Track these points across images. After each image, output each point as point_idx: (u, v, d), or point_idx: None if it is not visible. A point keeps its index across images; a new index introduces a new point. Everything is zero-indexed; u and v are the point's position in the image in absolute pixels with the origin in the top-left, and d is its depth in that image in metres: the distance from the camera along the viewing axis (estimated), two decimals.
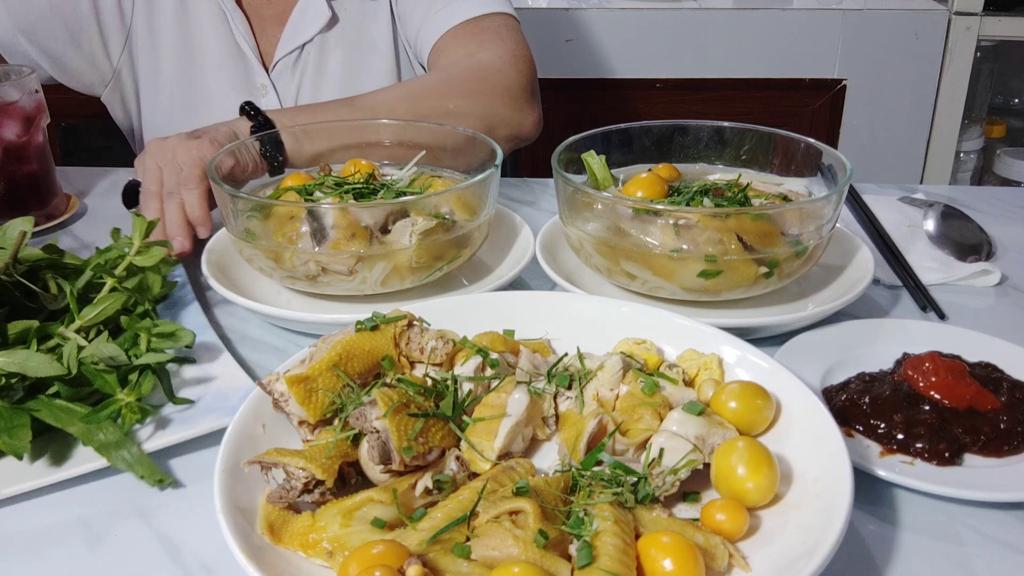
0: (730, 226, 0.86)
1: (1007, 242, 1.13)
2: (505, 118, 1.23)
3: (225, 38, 1.38)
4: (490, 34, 1.31)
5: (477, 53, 1.28)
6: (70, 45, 1.37)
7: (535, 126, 1.28)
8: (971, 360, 0.82)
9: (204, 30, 1.39)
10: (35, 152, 1.19)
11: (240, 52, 1.39)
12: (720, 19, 2.18)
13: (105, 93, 1.47)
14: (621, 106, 2.24)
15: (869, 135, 2.29)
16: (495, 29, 1.31)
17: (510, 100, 1.24)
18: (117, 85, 1.45)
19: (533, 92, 1.30)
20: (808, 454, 0.67)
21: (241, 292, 0.94)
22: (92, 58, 1.40)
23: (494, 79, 1.24)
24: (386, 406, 0.66)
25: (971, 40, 2.19)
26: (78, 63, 1.40)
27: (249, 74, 1.40)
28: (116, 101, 1.48)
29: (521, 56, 1.30)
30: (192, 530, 0.68)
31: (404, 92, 1.21)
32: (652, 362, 0.77)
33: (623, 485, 0.63)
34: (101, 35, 1.39)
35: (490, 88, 1.23)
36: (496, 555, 0.56)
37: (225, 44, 1.39)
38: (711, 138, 1.08)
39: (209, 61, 1.40)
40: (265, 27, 1.40)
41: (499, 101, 1.23)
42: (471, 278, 1.01)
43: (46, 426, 0.73)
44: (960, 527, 0.67)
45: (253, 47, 1.39)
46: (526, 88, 1.28)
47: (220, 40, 1.38)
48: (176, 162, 1.05)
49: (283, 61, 1.39)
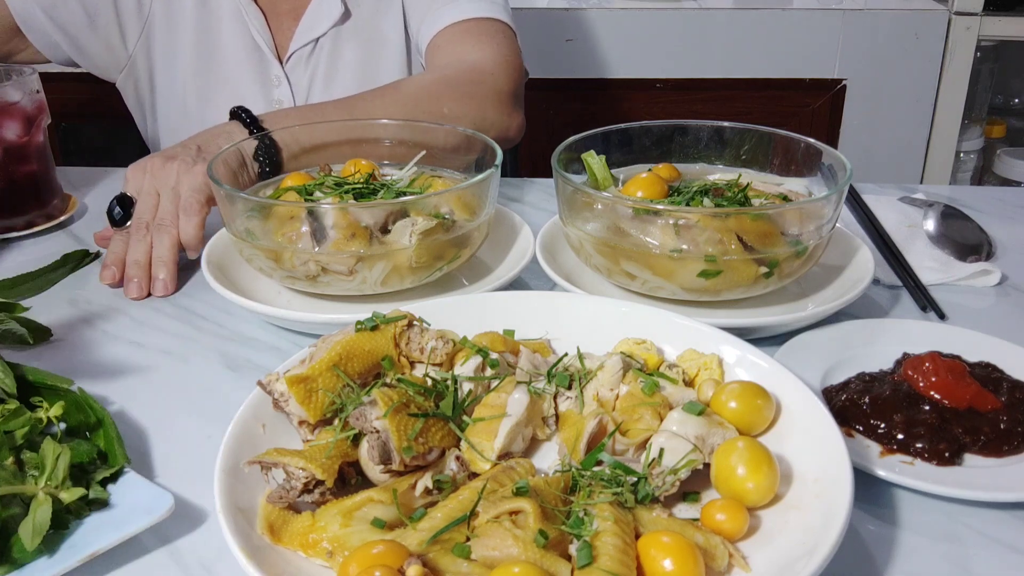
0: (730, 226, 0.86)
1: (1007, 242, 1.13)
2: (495, 121, 1.26)
3: (242, 31, 1.41)
4: (486, 37, 1.33)
5: (471, 54, 1.31)
6: (87, 26, 1.39)
7: (519, 130, 1.32)
8: (971, 360, 0.82)
9: (223, 22, 1.41)
10: (35, 152, 1.19)
11: (256, 45, 1.41)
12: (720, 19, 2.18)
13: (120, 79, 1.49)
14: (621, 106, 2.24)
15: (869, 135, 2.29)
16: (491, 33, 1.34)
17: (500, 104, 1.28)
18: (132, 71, 1.47)
19: (519, 98, 1.34)
20: (808, 454, 0.67)
21: (241, 292, 0.94)
22: (108, 41, 1.42)
23: (487, 83, 1.27)
24: (386, 406, 0.66)
25: (971, 40, 2.19)
26: (94, 45, 1.41)
27: (264, 66, 1.43)
28: (130, 88, 1.50)
29: (512, 63, 1.33)
30: (192, 530, 0.68)
31: (400, 95, 1.22)
32: (652, 362, 0.77)
33: (623, 485, 0.63)
34: (118, 19, 1.41)
35: (482, 92, 1.26)
36: (496, 555, 0.56)
37: (242, 37, 1.41)
38: (711, 138, 1.08)
39: (226, 53, 1.42)
40: (281, 21, 1.43)
41: (489, 105, 1.26)
42: (471, 278, 1.01)
43: None
44: (960, 527, 0.67)
45: (268, 41, 1.41)
46: (514, 93, 1.31)
47: (237, 33, 1.41)
48: (177, 190, 1.04)
49: (297, 54, 1.42)
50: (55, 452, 0.66)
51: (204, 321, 0.97)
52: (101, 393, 0.83)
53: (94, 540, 0.63)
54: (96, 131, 2.21)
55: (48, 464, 0.66)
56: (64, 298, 1.02)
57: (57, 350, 0.92)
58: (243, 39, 1.41)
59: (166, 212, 1.04)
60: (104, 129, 2.18)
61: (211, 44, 1.42)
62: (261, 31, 1.40)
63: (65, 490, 0.65)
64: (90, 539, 0.64)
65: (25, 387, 0.77)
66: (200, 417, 0.81)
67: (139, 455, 0.76)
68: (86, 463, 0.69)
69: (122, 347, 0.93)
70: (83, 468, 0.69)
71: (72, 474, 0.67)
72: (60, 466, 0.66)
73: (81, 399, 0.77)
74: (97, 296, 1.02)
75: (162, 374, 0.88)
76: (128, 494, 0.68)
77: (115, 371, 0.88)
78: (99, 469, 0.69)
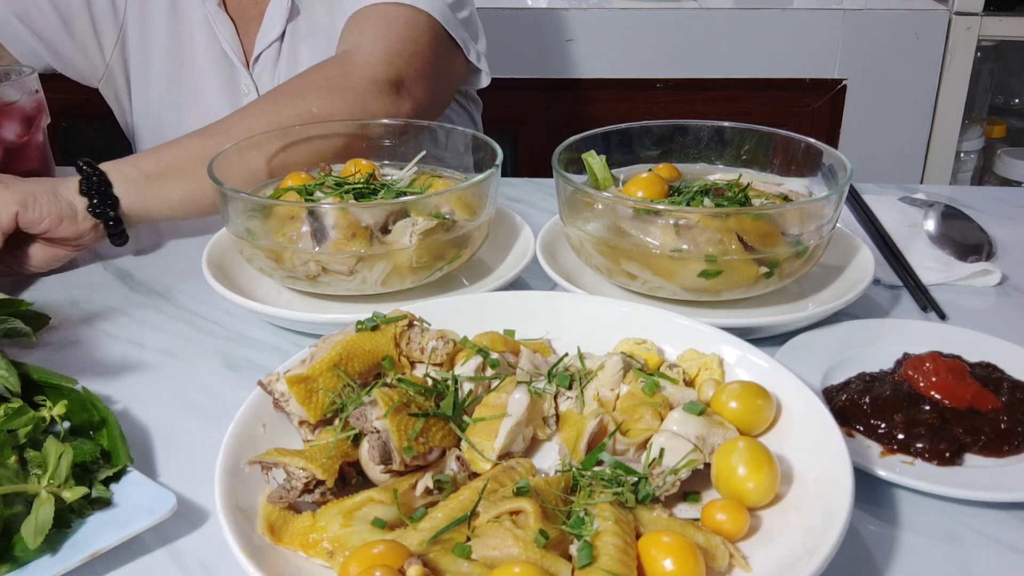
0: (730, 226, 0.86)
1: (1007, 242, 1.13)
2: (376, 111, 1.16)
3: (211, 40, 1.40)
4: (381, 23, 1.22)
5: (352, 41, 1.21)
6: (63, 32, 1.38)
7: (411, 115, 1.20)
8: (971, 360, 0.82)
9: (194, 32, 1.40)
10: (35, 152, 1.19)
11: (224, 55, 1.40)
12: (720, 19, 2.18)
13: (100, 85, 1.49)
14: (621, 106, 2.24)
15: (869, 135, 2.29)
16: (390, 19, 1.22)
17: (379, 93, 1.16)
18: (111, 79, 1.47)
19: (400, 84, 1.20)
20: (808, 454, 0.67)
21: (241, 292, 0.94)
22: (85, 48, 1.42)
23: (359, 72, 1.16)
24: (386, 406, 0.66)
25: (971, 40, 2.19)
26: (71, 52, 1.41)
27: (234, 76, 1.41)
28: (111, 95, 1.50)
29: (398, 51, 1.20)
30: (192, 530, 0.68)
31: (261, 106, 1.14)
32: (652, 362, 0.77)
33: (623, 485, 0.63)
34: (94, 27, 1.40)
35: (353, 82, 1.16)
36: (496, 555, 0.56)
37: (211, 46, 1.40)
38: (711, 138, 1.08)
39: (198, 62, 1.41)
40: (248, 27, 1.40)
41: (368, 95, 1.15)
42: (471, 278, 1.01)
43: None
44: (960, 527, 0.67)
45: (237, 50, 1.39)
46: (394, 80, 1.19)
47: (207, 42, 1.40)
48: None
49: (262, 60, 1.39)
50: (58, 451, 0.66)
51: (204, 321, 0.97)
52: (103, 392, 0.82)
53: (96, 539, 0.63)
54: (96, 131, 2.21)
55: (51, 463, 0.65)
56: (65, 298, 1.02)
57: (57, 349, 0.92)
58: (212, 48, 1.39)
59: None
60: (104, 129, 2.17)
61: (182, 53, 1.41)
62: (230, 40, 1.37)
63: (68, 489, 0.65)
64: (92, 538, 0.64)
65: (29, 386, 0.77)
66: (200, 417, 0.81)
67: (140, 454, 0.76)
68: (89, 462, 0.69)
69: (122, 347, 0.93)
70: (86, 467, 0.69)
71: (75, 473, 0.67)
72: (63, 465, 0.65)
73: (85, 398, 0.76)
74: (97, 296, 1.02)
75: (162, 374, 0.88)
76: (131, 493, 0.68)
77: (115, 371, 0.88)
78: (102, 468, 0.69)
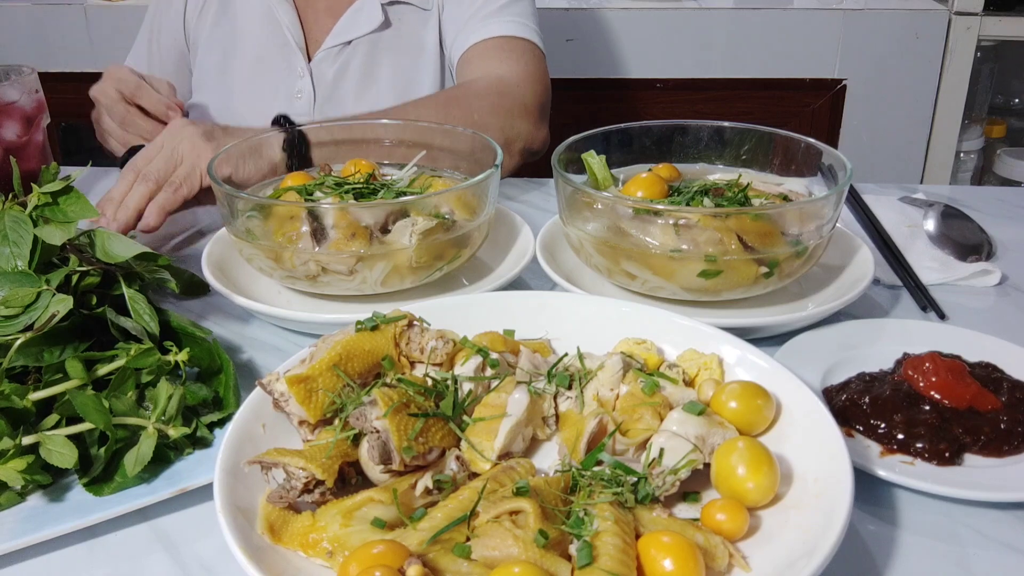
0: (730, 226, 0.86)
1: (1007, 242, 1.13)
2: (522, 132, 1.31)
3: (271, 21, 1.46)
4: (514, 54, 1.40)
5: (498, 69, 1.37)
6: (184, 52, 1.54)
7: (544, 142, 1.38)
8: (971, 360, 0.82)
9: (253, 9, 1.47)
10: (35, 152, 1.19)
11: (285, 40, 1.46)
12: (720, 19, 2.18)
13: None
14: (621, 106, 2.24)
15: (869, 135, 2.29)
16: (519, 51, 1.41)
17: (526, 116, 1.33)
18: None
19: (545, 112, 1.40)
20: (808, 454, 0.67)
21: (241, 292, 0.94)
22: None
23: (513, 95, 1.33)
24: (386, 406, 0.66)
25: (971, 40, 2.19)
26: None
27: (290, 60, 1.47)
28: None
29: (538, 79, 1.40)
30: (192, 530, 0.68)
31: (436, 102, 1.28)
32: (652, 362, 0.77)
33: (623, 485, 0.63)
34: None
35: (509, 104, 1.31)
36: (496, 555, 0.56)
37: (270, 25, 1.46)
38: (711, 138, 1.08)
39: (249, 37, 1.47)
40: (317, 17, 1.47)
41: (517, 116, 1.31)
42: (471, 278, 1.01)
43: None
44: (960, 527, 0.68)
45: (298, 36, 1.46)
46: (540, 106, 1.37)
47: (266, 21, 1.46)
48: (177, 153, 1.05)
49: (325, 52, 1.45)
50: (168, 392, 0.72)
51: (204, 321, 0.97)
52: None
53: (188, 476, 0.70)
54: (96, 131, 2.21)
55: (161, 401, 0.72)
56: None
57: None
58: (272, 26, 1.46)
59: (153, 169, 1.07)
60: None
61: (236, 31, 1.48)
62: (291, 25, 1.45)
63: (173, 427, 0.70)
64: (186, 475, 0.70)
65: (167, 332, 0.83)
66: None
67: None
68: (199, 405, 0.76)
69: None
70: (195, 410, 0.76)
71: (184, 415, 0.73)
72: (172, 404, 0.72)
73: (214, 348, 0.81)
74: None
75: None
76: None
77: None
78: (211, 412, 0.76)
